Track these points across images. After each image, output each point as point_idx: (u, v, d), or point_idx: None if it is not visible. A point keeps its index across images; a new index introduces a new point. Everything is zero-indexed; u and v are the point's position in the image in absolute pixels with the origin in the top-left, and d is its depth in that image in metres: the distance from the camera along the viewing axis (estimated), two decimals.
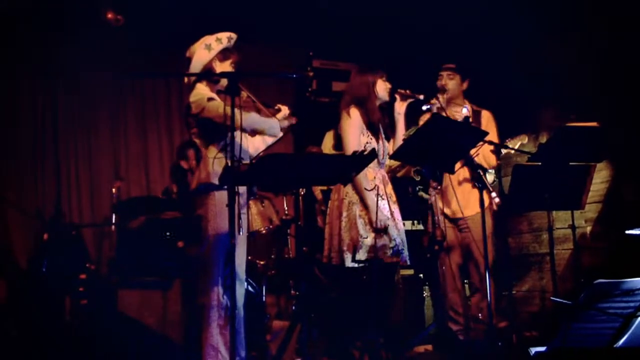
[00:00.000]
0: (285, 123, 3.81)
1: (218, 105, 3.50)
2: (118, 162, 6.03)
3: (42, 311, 4.34)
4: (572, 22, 5.43)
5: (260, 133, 3.72)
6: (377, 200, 3.97)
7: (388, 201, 4.09)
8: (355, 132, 4.10)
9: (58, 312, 4.35)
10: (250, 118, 3.55)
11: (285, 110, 3.83)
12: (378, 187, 4.03)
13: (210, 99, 3.56)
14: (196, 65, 3.64)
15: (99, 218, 5.72)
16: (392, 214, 4.07)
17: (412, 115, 4.58)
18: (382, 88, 4.19)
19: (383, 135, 4.21)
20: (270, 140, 3.87)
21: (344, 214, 4.04)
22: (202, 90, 3.65)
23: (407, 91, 4.18)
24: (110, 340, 4.18)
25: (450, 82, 4.66)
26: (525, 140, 4.71)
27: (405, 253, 4.10)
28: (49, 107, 5.77)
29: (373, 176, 4.07)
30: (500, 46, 5.83)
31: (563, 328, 2.29)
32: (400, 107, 4.21)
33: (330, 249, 4.11)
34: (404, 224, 5.63)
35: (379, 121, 4.16)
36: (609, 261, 4.96)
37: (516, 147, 4.57)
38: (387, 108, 4.24)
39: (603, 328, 2.33)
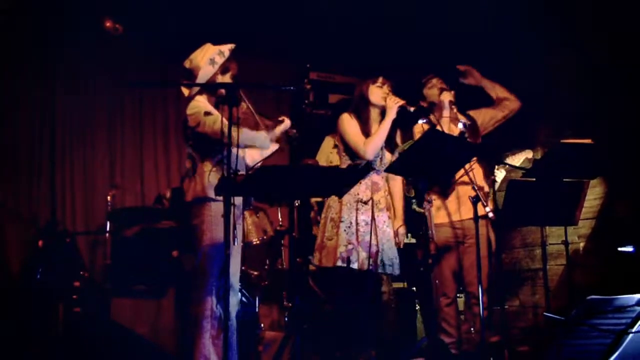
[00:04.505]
0: (276, 134, 3.83)
1: (214, 120, 3.52)
2: (114, 169, 6.01)
3: (35, 318, 4.32)
4: (570, 39, 5.47)
5: (252, 147, 3.74)
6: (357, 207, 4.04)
7: (373, 208, 4.12)
8: (355, 128, 4.16)
9: (51, 319, 4.33)
10: (243, 134, 3.54)
11: (287, 122, 3.86)
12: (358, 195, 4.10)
13: (207, 113, 3.57)
14: (202, 81, 3.66)
15: (94, 226, 5.70)
16: (372, 220, 4.10)
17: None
18: (376, 94, 4.22)
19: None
20: (267, 152, 3.89)
21: (323, 215, 4.24)
22: (200, 104, 3.66)
23: (403, 101, 4.14)
24: (103, 349, 4.17)
25: (443, 85, 4.63)
26: (531, 155, 4.74)
27: (380, 260, 4.10)
28: (48, 110, 5.76)
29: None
30: (497, 61, 5.87)
31: (555, 344, 2.30)
32: (390, 106, 4.12)
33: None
34: None
35: (371, 130, 4.19)
36: (602, 278, 4.98)
37: (520, 162, 4.59)
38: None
39: (595, 344, 2.35)
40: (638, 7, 4.77)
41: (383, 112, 4.24)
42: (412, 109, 4.15)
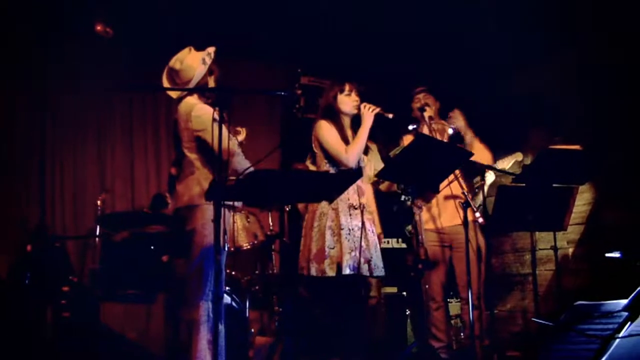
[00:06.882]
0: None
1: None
2: (104, 174, 6.00)
3: (23, 323, 4.30)
4: (564, 44, 5.48)
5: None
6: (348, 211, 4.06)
7: (362, 211, 4.12)
8: (335, 136, 4.15)
9: (40, 324, 4.30)
10: (241, 161, 3.59)
11: (244, 133, 4.00)
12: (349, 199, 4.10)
13: (214, 120, 3.57)
14: (196, 81, 3.69)
15: (83, 230, 5.67)
16: (363, 224, 4.10)
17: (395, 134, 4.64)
18: (344, 102, 4.23)
19: None
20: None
21: (315, 224, 4.11)
22: (207, 108, 3.61)
23: (378, 108, 4.13)
24: (93, 354, 4.15)
25: (428, 100, 4.69)
26: (520, 157, 4.77)
27: (374, 264, 4.10)
28: (38, 112, 5.73)
29: None
30: (496, 62, 5.86)
31: (543, 349, 2.31)
32: (366, 115, 4.11)
33: (302, 260, 4.15)
34: (388, 242, 5.71)
35: (347, 137, 4.20)
36: (590, 283, 5.01)
37: (509, 165, 4.62)
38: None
39: (582, 350, 2.36)
40: (638, 7, 4.78)
41: (354, 119, 4.24)
42: (390, 116, 4.13)
